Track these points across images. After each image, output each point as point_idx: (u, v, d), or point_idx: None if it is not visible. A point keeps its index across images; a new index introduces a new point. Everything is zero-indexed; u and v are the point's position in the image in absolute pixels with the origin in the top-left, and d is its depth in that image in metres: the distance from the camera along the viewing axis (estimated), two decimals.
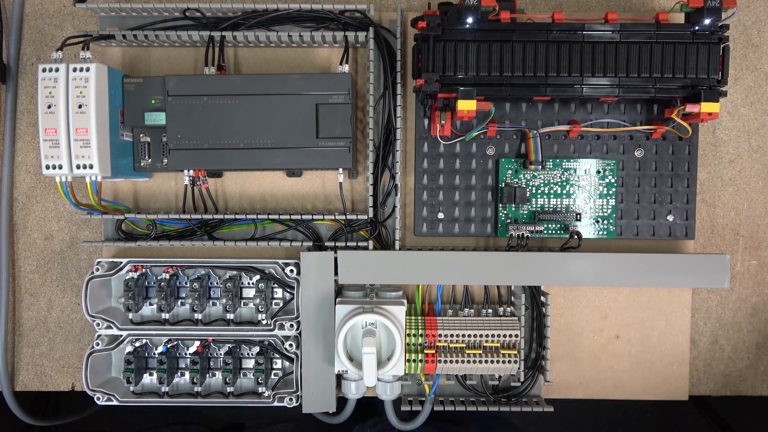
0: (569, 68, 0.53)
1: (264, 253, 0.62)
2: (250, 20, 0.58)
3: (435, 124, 0.58)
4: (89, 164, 0.52)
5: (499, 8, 0.52)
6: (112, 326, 0.57)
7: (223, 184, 0.62)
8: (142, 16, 0.60)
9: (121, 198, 0.62)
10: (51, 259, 0.63)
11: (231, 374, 0.59)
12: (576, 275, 0.55)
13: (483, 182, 0.59)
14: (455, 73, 0.52)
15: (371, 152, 0.57)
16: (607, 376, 0.62)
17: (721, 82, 0.53)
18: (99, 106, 0.52)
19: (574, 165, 0.59)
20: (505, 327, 0.57)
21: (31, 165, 0.63)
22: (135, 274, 0.58)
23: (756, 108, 0.61)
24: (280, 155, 0.56)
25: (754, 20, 0.61)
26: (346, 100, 0.56)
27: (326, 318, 0.57)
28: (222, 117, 0.55)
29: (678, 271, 0.55)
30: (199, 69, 0.61)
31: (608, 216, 0.59)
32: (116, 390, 0.58)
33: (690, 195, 0.59)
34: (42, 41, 0.62)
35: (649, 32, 0.53)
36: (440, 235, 0.60)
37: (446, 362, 0.56)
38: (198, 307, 0.57)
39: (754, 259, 0.62)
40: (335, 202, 0.62)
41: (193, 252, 0.61)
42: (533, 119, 0.59)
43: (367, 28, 0.57)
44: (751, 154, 0.61)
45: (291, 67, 0.61)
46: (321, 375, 0.57)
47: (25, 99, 0.62)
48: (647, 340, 0.62)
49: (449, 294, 0.61)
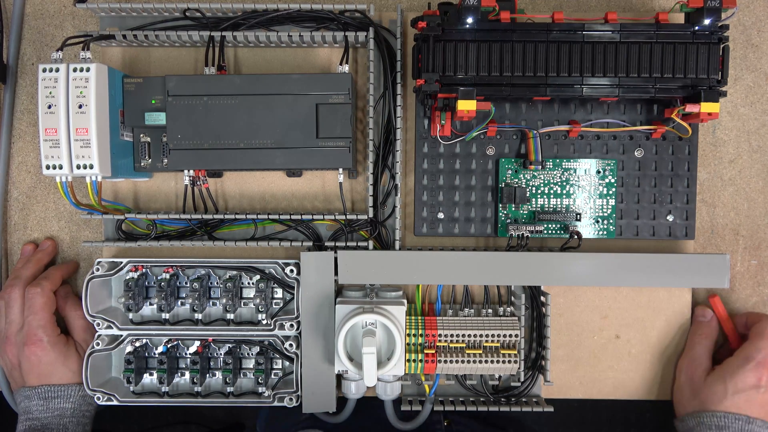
0: (569, 68, 0.53)
1: (264, 253, 0.62)
2: (250, 20, 0.58)
3: (435, 124, 0.58)
4: (89, 164, 0.52)
5: (499, 8, 0.52)
6: (112, 326, 0.57)
7: (223, 184, 0.62)
8: (142, 16, 0.60)
9: (121, 198, 0.62)
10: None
11: (231, 374, 0.59)
12: (576, 275, 0.55)
13: (483, 182, 0.59)
14: (455, 73, 0.52)
15: (371, 152, 0.57)
16: (607, 376, 0.62)
17: (721, 82, 0.53)
18: (99, 106, 0.52)
19: (574, 165, 0.59)
20: (505, 327, 0.57)
21: (31, 165, 0.63)
22: (135, 274, 0.58)
23: (756, 108, 0.61)
24: (280, 155, 0.56)
25: (754, 20, 0.61)
26: (346, 100, 0.56)
27: (326, 318, 0.57)
28: (222, 117, 0.55)
29: (678, 271, 0.55)
30: (199, 69, 0.61)
31: (608, 216, 0.59)
32: (116, 390, 0.58)
33: (690, 195, 0.59)
34: (42, 41, 0.62)
35: (649, 32, 0.53)
36: (440, 235, 0.60)
37: (446, 362, 0.56)
38: (198, 307, 0.57)
39: (754, 259, 0.62)
40: (335, 202, 0.62)
41: (193, 252, 0.62)
42: (533, 119, 0.59)
43: (367, 28, 0.57)
44: (751, 154, 0.61)
45: (291, 67, 0.61)
46: (321, 375, 0.57)
47: (25, 99, 0.62)
48: (647, 340, 0.62)
49: (449, 294, 0.61)
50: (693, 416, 0.55)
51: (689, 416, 0.56)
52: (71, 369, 0.57)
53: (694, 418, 0.55)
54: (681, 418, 0.58)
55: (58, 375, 0.57)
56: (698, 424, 0.55)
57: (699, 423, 0.55)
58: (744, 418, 0.53)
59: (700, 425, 0.54)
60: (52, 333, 0.57)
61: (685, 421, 0.57)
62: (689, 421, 0.56)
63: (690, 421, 0.56)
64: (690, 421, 0.56)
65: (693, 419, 0.55)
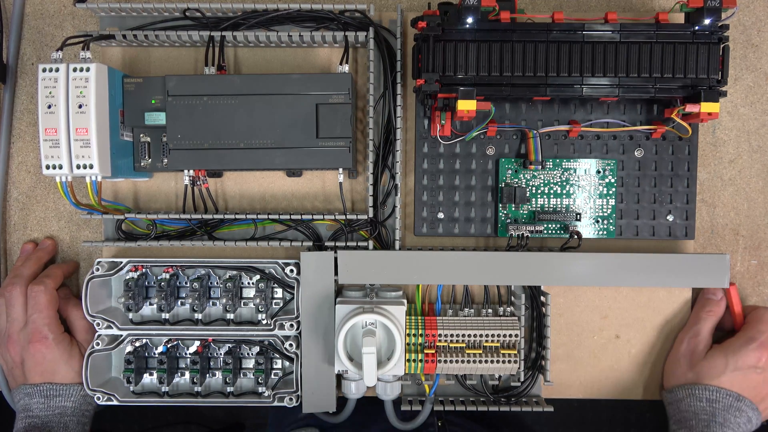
0: (569, 68, 0.53)
1: (264, 253, 0.62)
2: (250, 20, 0.58)
3: (435, 124, 0.58)
4: (89, 164, 0.52)
5: (499, 8, 0.52)
6: (112, 326, 0.57)
7: (223, 184, 0.62)
8: (142, 16, 0.60)
9: (121, 198, 0.62)
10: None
11: (231, 374, 0.59)
12: (576, 275, 0.55)
13: (483, 182, 0.59)
14: (455, 73, 0.52)
15: (371, 152, 0.57)
16: (607, 376, 0.62)
17: (721, 82, 0.53)
18: (99, 106, 0.52)
19: (574, 165, 0.59)
20: (505, 327, 0.57)
21: (31, 165, 0.63)
22: (135, 274, 0.58)
23: (756, 108, 0.61)
24: (280, 155, 0.56)
25: (754, 20, 0.61)
26: (346, 100, 0.56)
27: (326, 318, 0.57)
28: (222, 117, 0.55)
29: (678, 271, 0.55)
30: (199, 69, 0.61)
31: (608, 216, 0.59)
32: (116, 390, 0.58)
33: (690, 195, 0.59)
34: (42, 41, 0.62)
35: (649, 32, 0.53)
36: (440, 235, 0.60)
37: (446, 362, 0.56)
38: (198, 307, 0.57)
39: (754, 259, 0.62)
40: (335, 202, 0.62)
41: (193, 252, 0.62)
42: (533, 119, 0.59)
43: (367, 28, 0.57)
44: (751, 154, 0.61)
45: (291, 67, 0.61)
46: (321, 375, 0.57)
47: (25, 99, 0.62)
48: (647, 340, 0.62)
49: (449, 294, 0.61)
50: (684, 388, 0.56)
51: (680, 387, 0.57)
52: (73, 368, 0.57)
53: (685, 390, 0.56)
54: (670, 389, 0.58)
55: (61, 373, 0.57)
56: (688, 396, 0.55)
57: (689, 395, 0.55)
58: (735, 395, 0.54)
59: (690, 397, 0.55)
60: (57, 331, 0.57)
61: (674, 392, 0.57)
62: (679, 392, 0.56)
63: (680, 392, 0.56)
64: (680, 392, 0.56)
65: (683, 390, 0.56)
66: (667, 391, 0.58)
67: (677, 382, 0.58)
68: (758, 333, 0.56)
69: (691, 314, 0.61)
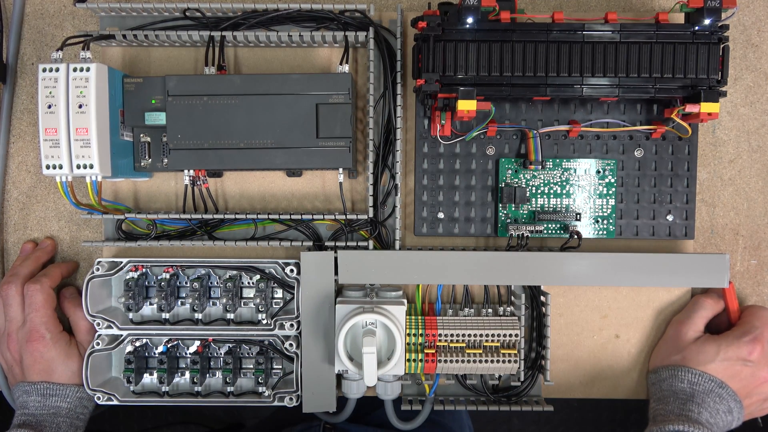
0: (569, 68, 0.53)
1: (264, 253, 0.62)
2: (250, 20, 0.58)
3: (435, 124, 0.58)
4: (89, 164, 0.52)
5: (499, 8, 0.52)
6: (113, 326, 0.57)
7: (223, 184, 0.62)
8: (142, 16, 0.60)
9: (121, 198, 0.62)
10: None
11: (231, 374, 0.59)
12: (576, 275, 0.55)
13: (483, 182, 0.59)
14: (455, 73, 0.52)
15: (371, 152, 0.57)
16: (607, 376, 0.62)
17: (721, 82, 0.53)
18: (99, 106, 0.52)
19: (573, 165, 0.59)
20: (505, 327, 0.57)
21: (31, 165, 0.63)
22: (135, 274, 0.58)
23: (756, 108, 0.61)
24: (280, 155, 0.56)
25: (754, 20, 0.61)
26: (346, 100, 0.56)
27: (326, 318, 0.57)
28: (222, 117, 0.55)
29: (678, 271, 0.55)
30: (199, 69, 0.61)
31: (608, 216, 0.59)
32: (116, 390, 0.58)
33: (690, 195, 0.59)
34: (42, 41, 0.62)
35: (649, 32, 0.53)
36: (440, 235, 0.60)
37: (446, 362, 0.56)
38: (198, 306, 0.57)
39: (754, 259, 0.62)
40: (335, 202, 0.62)
41: (193, 252, 0.62)
42: (533, 119, 0.59)
43: (367, 28, 0.57)
44: (751, 154, 0.62)
45: (291, 67, 0.61)
46: (321, 375, 0.57)
47: (25, 99, 0.62)
48: (647, 340, 0.62)
49: (449, 294, 0.61)
50: (668, 368, 0.56)
51: (664, 368, 0.57)
52: (71, 369, 0.57)
53: (669, 370, 0.56)
54: (654, 369, 0.58)
55: (58, 373, 0.57)
56: (671, 377, 0.56)
57: (673, 375, 0.55)
58: (718, 381, 0.54)
59: (673, 377, 0.55)
60: (55, 329, 0.57)
61: (658, 372, 0.57)
62: (663, 372, 0.57)
63: (664, 373, 0.57)
64: (664, 372, 0.57)
65: (667, 371, 0.56)
66: (652, 372, 0.59)
67: (662, 363, 0.58)
68: (752, 328, 0.56)
69: (687, 305, 0.61)
